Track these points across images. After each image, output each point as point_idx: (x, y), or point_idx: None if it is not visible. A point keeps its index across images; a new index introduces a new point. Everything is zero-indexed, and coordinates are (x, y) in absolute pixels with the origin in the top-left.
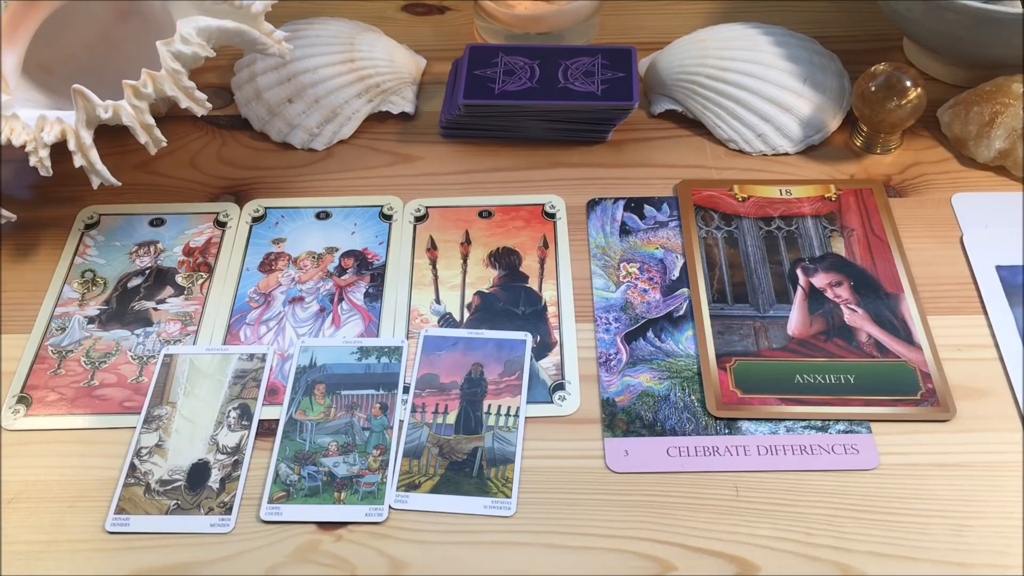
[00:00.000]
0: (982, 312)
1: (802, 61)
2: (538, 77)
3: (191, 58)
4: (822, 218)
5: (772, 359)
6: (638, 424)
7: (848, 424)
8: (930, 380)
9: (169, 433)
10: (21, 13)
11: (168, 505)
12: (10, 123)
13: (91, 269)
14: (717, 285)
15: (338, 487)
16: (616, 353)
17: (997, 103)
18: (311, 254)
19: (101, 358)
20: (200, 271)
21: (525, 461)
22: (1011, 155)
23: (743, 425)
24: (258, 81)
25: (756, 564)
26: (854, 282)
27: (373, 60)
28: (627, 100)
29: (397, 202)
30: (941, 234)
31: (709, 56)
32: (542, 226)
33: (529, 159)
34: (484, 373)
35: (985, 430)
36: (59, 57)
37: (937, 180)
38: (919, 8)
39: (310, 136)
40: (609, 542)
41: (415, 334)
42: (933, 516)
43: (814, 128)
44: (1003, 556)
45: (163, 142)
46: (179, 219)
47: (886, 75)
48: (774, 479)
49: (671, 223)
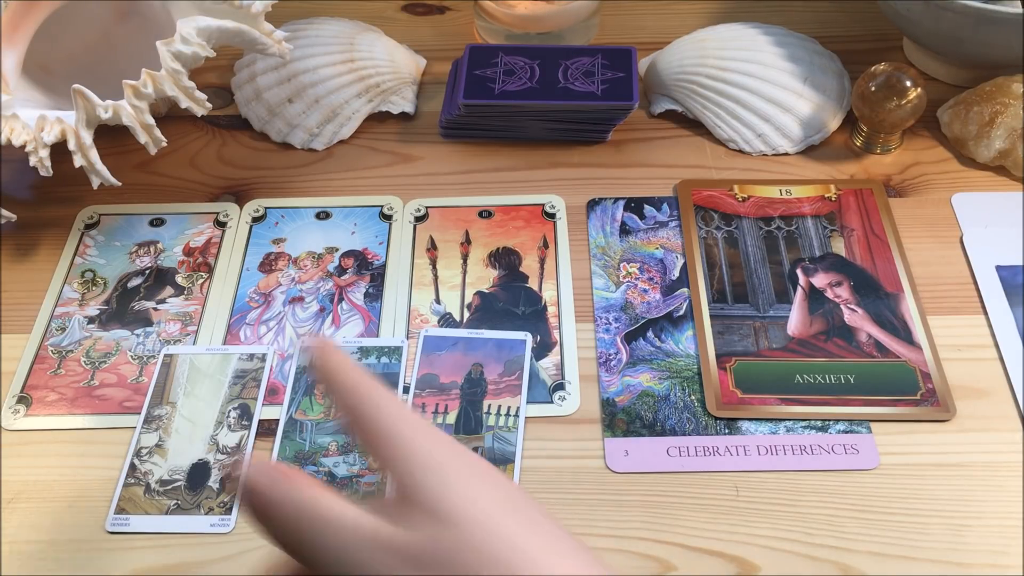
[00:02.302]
0: (982, 312)
1: (802, 61)
2: (538, 77)
3: (191, 58)
4: (822, 218)
5: (772, 359)
6: (638, 424)
7: (848, 424)
8: (930, 380)
9: (169, 433)
10: (21, 13)
11: (168, 505)
12: (10, 123)
13: (91, 269)
14: (717, 285)
15: (338, 487)
16: (616, 353)
17: (997, 103)
18: (311, 254)
19: (101, 358)
20: (200, 271)
21: (525, 461)
22: (1011, 155)
23: (743, 425)
24: (258, 81)
25: (756, 564)
26: (854, 282)
27: (373, 60)
28: (627, 100)
29: (397, 202)
30: (941, 234)
31: (709, 56)
32: (542, 226)
33: (529, 159)
34: (484, 373)
35: (985, 430)
36: (59, 57)
37: (937, 180)
38: (919, 8)
39: (310, 136)
40: (609, 542)
41: (415, 334)
42: (933, 516)
43: (814, 128)
44: (1002, 556)
45: (163, 142)
46: (179, 219)
47: (886, 75)
48: (774, 479)
49: (671, 223)
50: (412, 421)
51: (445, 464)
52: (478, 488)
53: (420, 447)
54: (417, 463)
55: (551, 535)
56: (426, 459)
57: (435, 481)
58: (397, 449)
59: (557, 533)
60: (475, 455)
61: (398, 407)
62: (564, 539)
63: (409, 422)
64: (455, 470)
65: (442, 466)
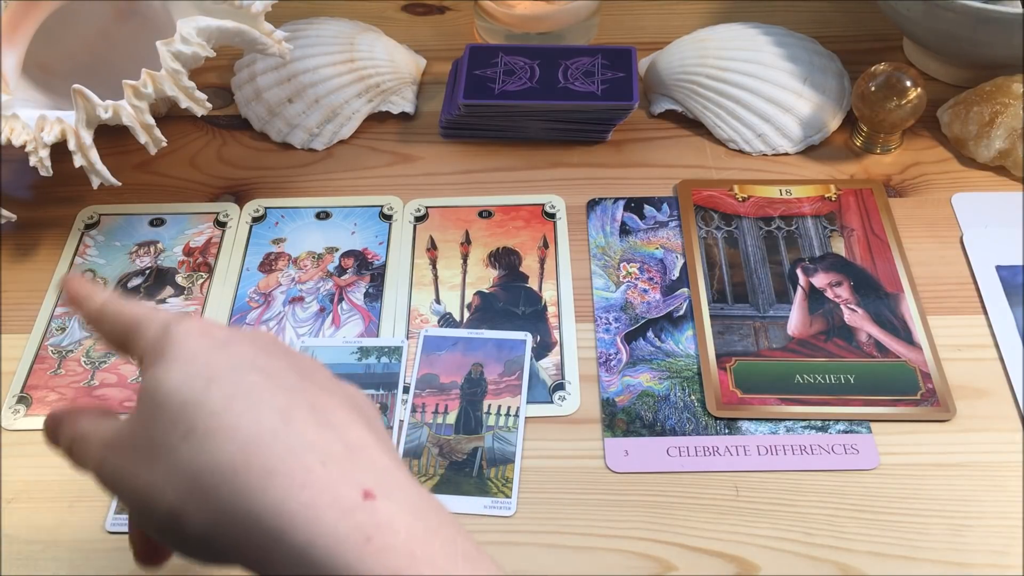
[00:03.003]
0: (982, 312)
1: (802, 61)
2: (538, 77)
3: (191, 58)
4: (822, 218)
5: (772, 359)
6: (638, 424)
7: (848, 424)
8: (930, 380)
9: None
10: (21, 13)
11: None
12: (10, 123)
13: (91, 269)
14: (717, 285)
15: None
16: (616, 353)
17: (997, 103)
18: (311, 254)
19: (101, 358)
20: (200, 271)
21: (525, 461)
22: (1011, 155)
23: (743, 425)
24: (258, 81)
25: (756, 564)
26: (854, 282)
27: (373, 60)
28: (627, 100)
29: (397, 202)
30: (941, 234)
31: (709, 56)
32: (542, 226)
33: (529, 159)
34: (484, 373)
35: (985, 430)
36: (59, 57)
37: (937, 180)
38: (919, 8)
39: (310, 136)
40: (609, 542)
41: (415, 334)
42: (933, 516)
43: (814, 128)
44: (1003, 556)
45: (163, 142)
46: (179, 219)
47: (886, 75)
48: (774, 479)
49: (671, 223)
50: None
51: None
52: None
53: (147, 317)
54: (142, 331)
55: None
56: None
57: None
58: (133, 326)
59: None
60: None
61: (138, 304)
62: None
63: (144, 306)
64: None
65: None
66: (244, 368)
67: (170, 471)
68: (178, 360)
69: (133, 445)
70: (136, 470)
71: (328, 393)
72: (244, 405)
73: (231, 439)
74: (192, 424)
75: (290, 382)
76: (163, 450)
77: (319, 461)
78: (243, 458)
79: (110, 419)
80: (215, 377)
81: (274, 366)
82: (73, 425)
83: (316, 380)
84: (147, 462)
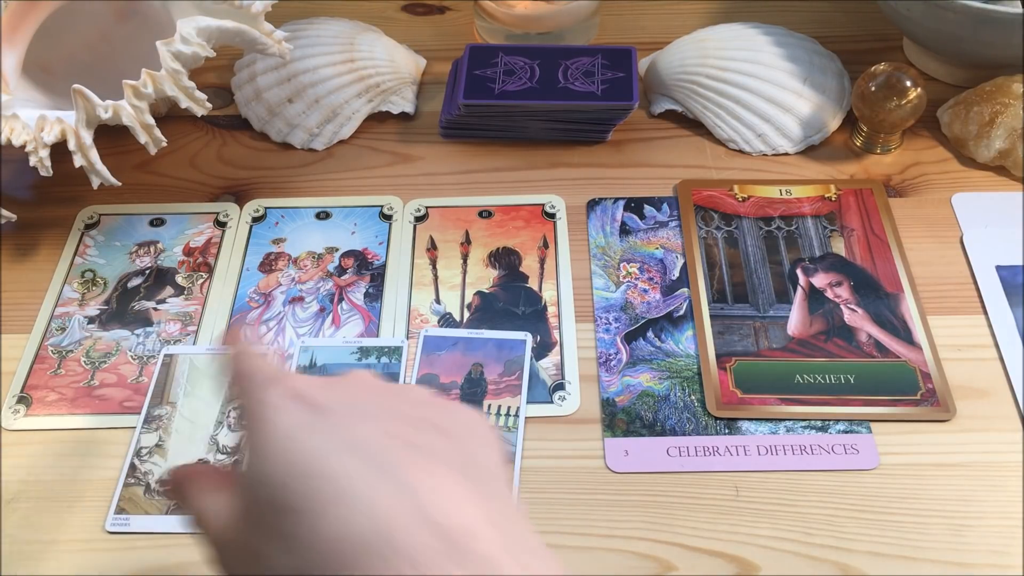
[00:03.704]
0: (982, 312)
1: (802, 61)
2: (538, 77)
3: (191, 58)
4: (822, 218)
5: (772, 359)
6: (638, 424)
7: (848, 424)
8: (930, 380)
9: (169, 433)
10: (21, 13)
11: (168, 505)
12: (10, 123)
13: (91, 269)
14: (717, 285)
15: None
16: (616, 353)
17: (997, 103)
18: (311, 254)
19: (101, 358)
20: (200, 271)
21: (525, 461)
22: (1011, 155)
23: (743, 425)
24: (258, 81)
25: (756, 564)
26: (854, 282)
27: (373, 60)
28: (627, 100)
29: (397, 202)
30: (941, 234)
31: (709, 56)
32: (542, 226)
33: (529, 159)
34: (484, 373)
35: (985, 430)
36: (59, 57)
37: (937, 180)
38: (919, 8)
39: (310, 136)
40: (609, 542)
41: (415, 334)
42: (933, 516)
43: (814, 128)
44: (1003, 556)
45: (163, 142)
46: (179, 219)
47: (886, 75)
48: (774, 479)
49: (671, 223)
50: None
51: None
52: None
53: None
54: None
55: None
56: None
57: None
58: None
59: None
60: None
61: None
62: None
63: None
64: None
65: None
66: (339, 452)
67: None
68: (269, 448)
69: (237, 544)
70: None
71: (438, 461)
72: (339, 510)
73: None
74: (291, 538)
75: (394, 458)
76: (263, 560)
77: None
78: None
79: (223, 499)
80: (309, 474)
81: (374, 435)
82: (197, 500)
83: (425, 438)
84: (250, 565)
